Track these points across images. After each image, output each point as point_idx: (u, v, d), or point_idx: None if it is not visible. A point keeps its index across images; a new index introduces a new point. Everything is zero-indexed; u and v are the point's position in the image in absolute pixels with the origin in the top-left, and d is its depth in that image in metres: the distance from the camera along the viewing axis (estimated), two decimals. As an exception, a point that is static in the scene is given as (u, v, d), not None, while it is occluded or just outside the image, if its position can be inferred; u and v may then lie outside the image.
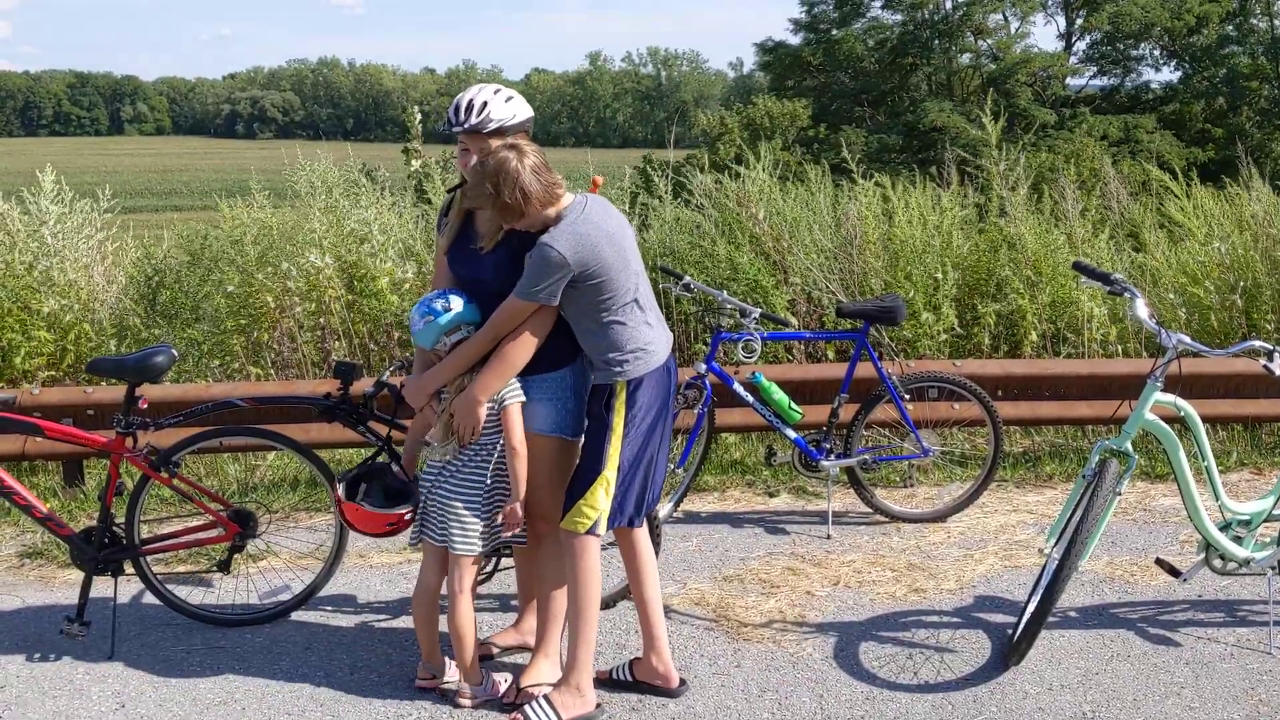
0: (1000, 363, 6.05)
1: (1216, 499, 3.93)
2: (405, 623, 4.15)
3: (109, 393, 5.50)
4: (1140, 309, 3.82)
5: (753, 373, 5.04)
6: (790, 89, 39.49)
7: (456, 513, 3.42)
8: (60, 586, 4.57)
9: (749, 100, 40.88)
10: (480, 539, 3.44)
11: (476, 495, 3.44)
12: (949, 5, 37.89)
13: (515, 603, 4.09)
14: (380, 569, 4.69)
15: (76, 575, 4.46)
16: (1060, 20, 40.39)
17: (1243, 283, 6.77)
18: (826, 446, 5.09)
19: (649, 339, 3.40)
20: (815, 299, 6.90)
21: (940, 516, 5.22)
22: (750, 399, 5.06)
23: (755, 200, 7.17)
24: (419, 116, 9.61)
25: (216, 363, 6.53)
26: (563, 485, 3.47)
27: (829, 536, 5.02)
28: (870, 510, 5.20)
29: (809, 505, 5.46)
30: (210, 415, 4.33)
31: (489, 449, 3.43)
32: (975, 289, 7.11)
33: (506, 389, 3.37)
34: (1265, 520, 3.98)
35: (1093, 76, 40.14)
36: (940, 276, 6.75)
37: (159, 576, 4.13)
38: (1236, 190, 7.68)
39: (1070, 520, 3.77)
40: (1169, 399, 3.81)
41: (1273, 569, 3.93)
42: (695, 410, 5.00)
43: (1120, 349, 6.85)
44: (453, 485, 3.44)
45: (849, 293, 6.89)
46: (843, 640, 4.00)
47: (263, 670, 3.81)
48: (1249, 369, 5.84)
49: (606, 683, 3.66)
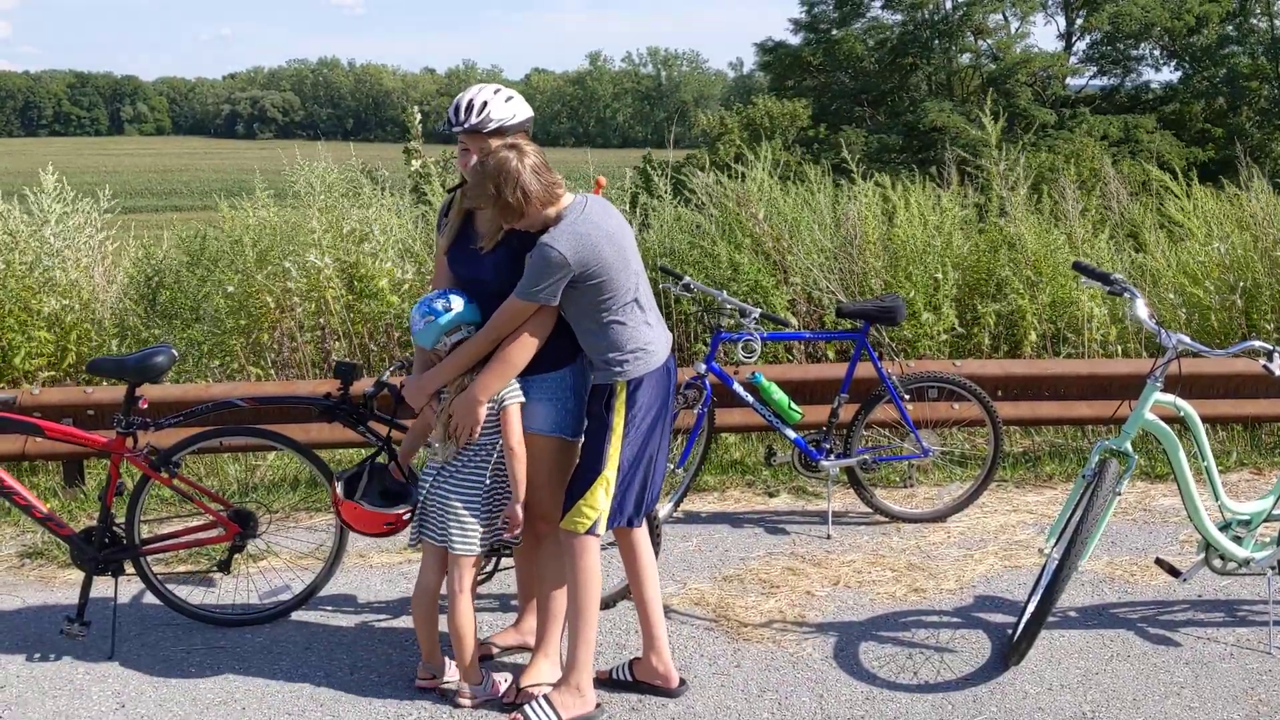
0: (1000, 363, 6.05)
1: (1216, 499, 3.93)
2: (405, 623, 4.15)
3: (109, 393, 5.50)
4: (1140, 309, 3.82)
5: (753, 373, 5.04)
6: (790, 89, 39.49)
7: (456, 513, 3.42)
8: (60, 586, 4.57)
9: (749, 100, 40.89)
10: (480, 539, 3.45)
11: (476, 495, 3.44)
12: (949, 5, 37.91)
13: (515, 603, 4.09)
14: (380, 569, 4.69)
15: (76, 575, 4.46)
16: (1060, 20, 40.46)
17: (1243, 283, 6.77)
18: (826, 446, 5.09)
19: (649, 339, 3.40)
20: (815, 299, 6.90)
21: (940, 516, 5.22)
22: (750, 399, 5.06)
23: (755, 200, 7.18)
24: (419, 116, 9.61)
25: (216, 363, 6.52)
26: (562, 485, 3.47)
27: (829, 536, 5.02)
28: (870, 510, 5.20)
29: (809, 505, 5.46)
30: (210, 415, 4.33)
31: (489, 449, 3.43)
32: (975, 289, 7.11)
33: (506, 389, 3.37)
34: (1265, 520, 3.98)
35: (1093, 76, 40.21)
36: (940, 276, 6.75)
37: (159, 576, 4.13)
38: (1236, 190, 7.68)
39: (1070, 520, 3.77)
40: (1169, 399, 3.82)
41: (1272, 569, 3.93)
42: (695, 410, 5.00)
43: (1120, 349, 6.86)
44: (452, 485, 3.44)
45: (849, 293, 6.89)
46: (843, 640, 4.00)
47: (263, 670, 3.81)
48: (1249, 369, 5.84)
49: (606, 683, 3.66)
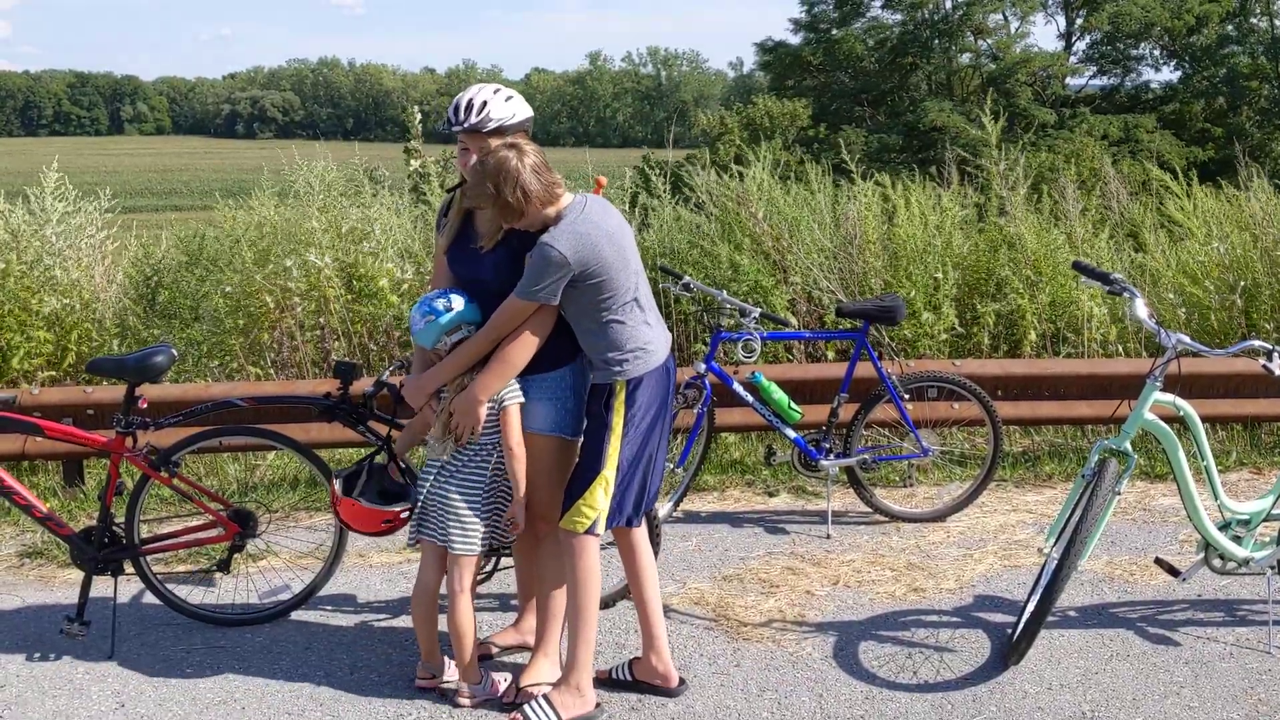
0: (1000, 362, 6.05)
1: (1216, 499, 3.93)
2: (405, 622, 4.16)
3: (109, 392, 5.50)
4: (1139, 309, 3.82)
5: (752, 372, 5.04)
6: (790, 89, 39.47)
7: (457, 512, 3.42)
8: (60, 586, 4.57)
9: (749, 100, 40.87)
10: (480, 539, 3.45)
11: (477, 495, 3.44)
12: (949, 5, 37.90)
13: (515, 602, 4.09)
14: (380, 568, 4.69)
15: (76, 575, 4.46)
16: (1060, 20, 40.45)
17: (1243, 283, 6.77)
18: (826, 446, 5.09)
19: (648, 338, 3.40)
20: (815, 299, 6.90)
21: (940, 516, 5.22)
22: (750, 399, 5.06)
23: (755, 200, 7.18)
24: (419, 116, 9.61)
25: (216, 363, 6.53)
26: (562, 485, 3.47)
27: (829, 536, 5.02)
28: (870, 510, 5.20)
29: (809, 505, 5.46)
30: (210, 415, 4.33)
31: (489, 449, 3.43)
32: (975, 289, 7.11)
33: (506, 390, 3.37)
34: (1264, 520, 3.98)
35: (1093, 76, 40.20)
36: (940, 276, 6.75)
37: (159, 576, 4.13)
38: (1235, 190, 7.68)
39: (1069, 520, 3.77)
40: (1168, 399, 3.82)
41: (1272, 568, 3.93)
42: (695, 410, 5.01)
43: (1120, 349, 6.86)
44: (453, 485, 3.44)
45: (849, 292, 6.89)
46: (842, 640, 4.00)
47: (263, 670, 3.81)
48: (1248, 369, 5.84)
49: (606, 682, 3.66)
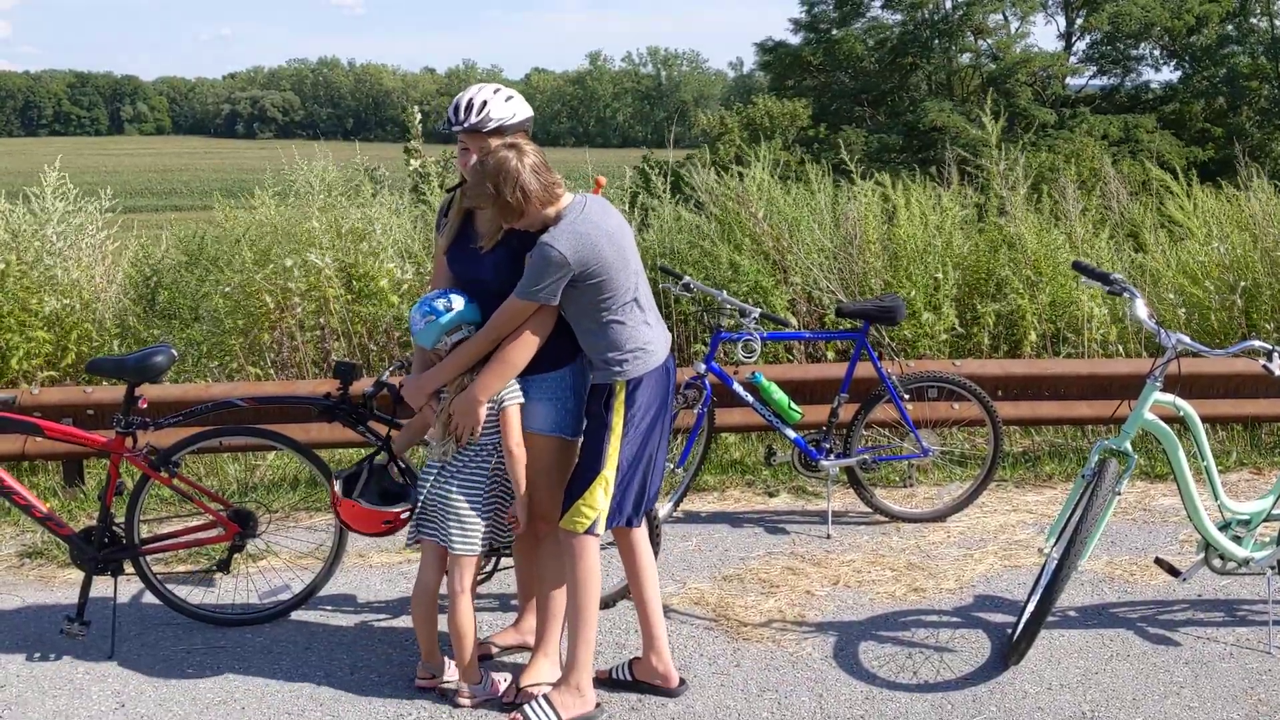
0: (1000, 363, 6.05)
1: (1216, 499, 3.93)
2: (405, 622, 4.16)
3: (109, 393, 5.50)
4: (1139, 309, 3.82)
5: (752, 372, 5.04)
6: (790, 89, 39.47)
7: (457, 512, 3.42)
8: (60, 586, 4.57)
9: (749, 100, 40.86)
10: (480, 539, 3.45)
11: (478, 495, 3.44)
12: (949, 5, 37.90)
13: (515, 602, 4.09)
14: (380, 569, 4.69)
15: (76, 575, 4.46)
16: (1060, 20, 40.44)
17: (1243, 283, 6.77)
18: (826, 446, 5.09)
19: (648, 338, 3.40)
20: (815, 299, 6.90)
21: (940, 516, 5.22)
22: (750, 399, 5.06)
23: (755, 200, 7.18)
24: (419, 116, 9.62)
25: (216, 363, 6.53)
26: (562, 485, 3.47)
27: (829, 536, 5.02)
28: (870, 510, 5.20)
29: (809, 505, 5.46)
30: (210, 415, 4.33)
31: (489, 449, 3.43)
32: (975, 289, 7.11)
33: (506, 390, 3.37)
34: (1264, 520, 3.98)
35: (1093, 76, 40.19)
36: (940, 276, 6.75)
37: (159, 576, 4.13)
38: (1235, 190, 7.68)
39: (1070, 520, 3.77)
40: (1168, 399, 3.81)
41: (1272, 569, 3.93)
42: (695, 410, 5.00)
43: (1120, 349, 6.86)
44: (453, 485, 3.44)
45: (849, 293, 6.89)
46: (842, 640, 4.00)
47: (263, 670, 3.81)
48: (1248, 369, 5.84)
49: (606, 682, 3.66)
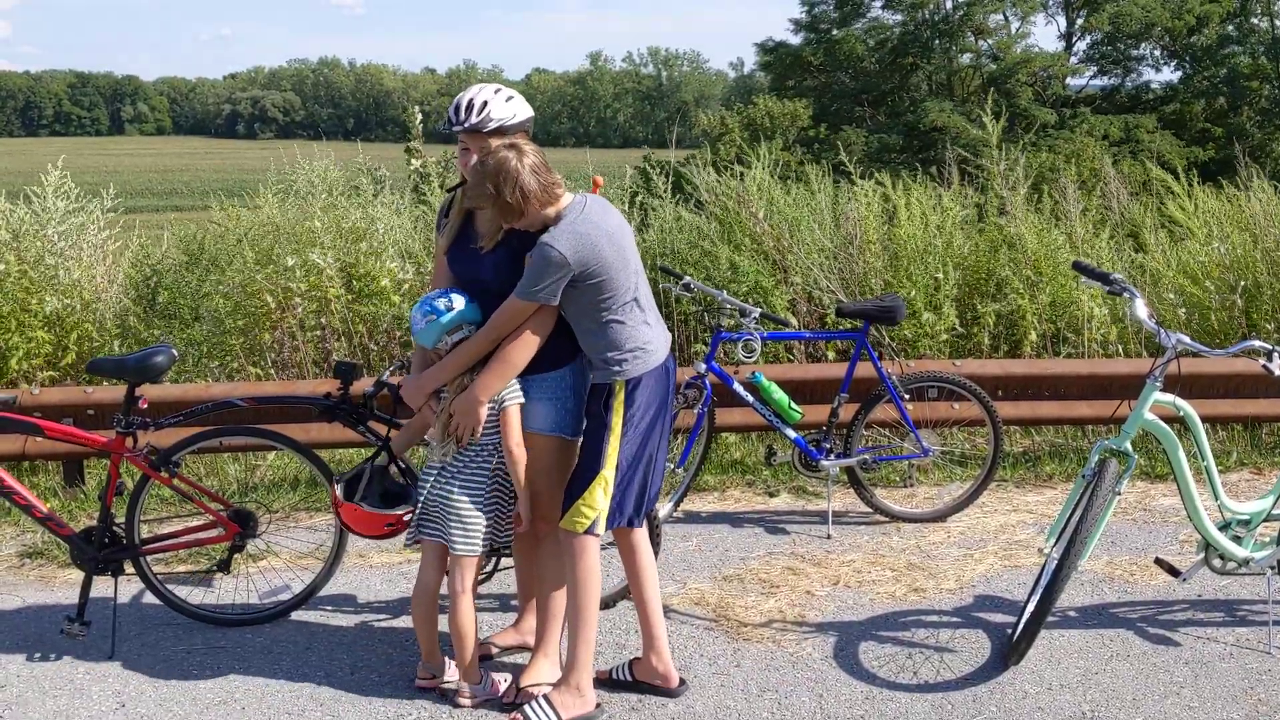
0: (1000, 363, 6.05)
1: (1216, 499, 3.93)
2: (405, 623, 4.16)
3: (109, 393, 5.50)
4: (1139, 309, 3.82)
5: (753, 372, 5.04)
6: (790, 89, 39.47)
7: (458, 512, 3.42)
8: (60, 586, 4.57)
9: (749, 100, 40.86)
10: (481, 539, 3.45)
11: (479, 495, 3.44)
12: (949, 5, 37.91)
13: (515, 603, 4.09)
14: (380, 569, 4.69)
15: (76, 575, 4.46)
16: (1060, 20, 40.45)
17: (1243, 283, 6.77)
18: (826, 446, 5.09)
19: (648, 338, 3.40)
20: (815, 299, 6.90)
21: (940, 516, 5.22)
22: (750, 399, 5.06)
23: (755, 200, 7.18)
24: (419, 116, 9.62)
25: (216, 363, 6.53)
26: (562, 485, 3.47)
27: (829, 536, 5.02)
28: (870, 510, 5.20)
29: (809, 505, 5.46)
30: (210, 415, 4.33)
31: (489, 449, 3.43)
32: (975, 289, 7.11)
33: (506, 390, 3.37)
34: (1265, 520, 3.98)
35: (1093, 76, 40.20)
36: (941, 276, 6.75)
37: (159, 576, 4.13)
38: (1236, 190, 7.68)
39: (1070, 520, 3.77)
40: (1168, 399, 3.81)
41: (1272, 569, 3.93)
42: (695, 410, 5.01)
43: (1120, 349, 6.86)
44: (454, 485, 3.44)
45: (849, 292, 6.89)
46: (842, 640, 4.00)
47: (263, 670, 3.82)
48: (1249, 369, 5.84)
49: (606, 682, 3.66)
